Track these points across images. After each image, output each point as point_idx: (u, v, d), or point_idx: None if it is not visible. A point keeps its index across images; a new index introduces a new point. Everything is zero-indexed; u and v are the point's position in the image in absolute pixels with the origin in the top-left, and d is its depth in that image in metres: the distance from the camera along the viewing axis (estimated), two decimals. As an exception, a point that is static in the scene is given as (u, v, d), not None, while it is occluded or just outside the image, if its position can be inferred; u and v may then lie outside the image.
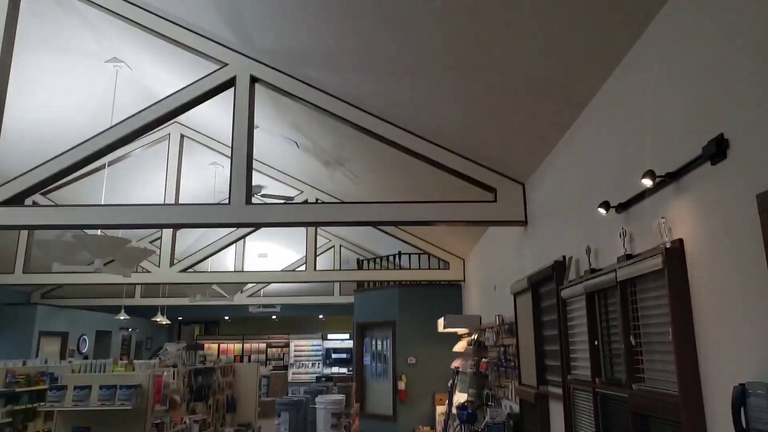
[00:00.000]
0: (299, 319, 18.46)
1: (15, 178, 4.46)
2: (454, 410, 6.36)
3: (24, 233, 8.30)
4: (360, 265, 10.96)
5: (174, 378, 6.46)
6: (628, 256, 2.46)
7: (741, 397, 1.60)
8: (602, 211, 2.66)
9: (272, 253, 13.85)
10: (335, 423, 5.13)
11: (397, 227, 8.56)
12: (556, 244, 3.73)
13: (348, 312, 11.89)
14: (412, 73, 3.89)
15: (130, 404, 5.19)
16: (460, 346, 7.61)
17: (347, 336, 16.93)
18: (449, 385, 7.46)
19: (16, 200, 4.43)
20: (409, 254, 9.64)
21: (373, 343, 10.70)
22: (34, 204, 6.33)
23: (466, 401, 6.13)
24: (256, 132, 7.21)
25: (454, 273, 8.73)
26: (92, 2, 4.71)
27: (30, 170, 4.49)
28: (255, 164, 8.50)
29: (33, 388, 7.13)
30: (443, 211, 4.60)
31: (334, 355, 17.95)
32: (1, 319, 11.45)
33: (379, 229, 8.73)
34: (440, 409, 8.04)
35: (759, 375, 1.64)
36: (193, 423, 6.83)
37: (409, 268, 9.54)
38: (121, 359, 9.98)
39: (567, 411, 3.29)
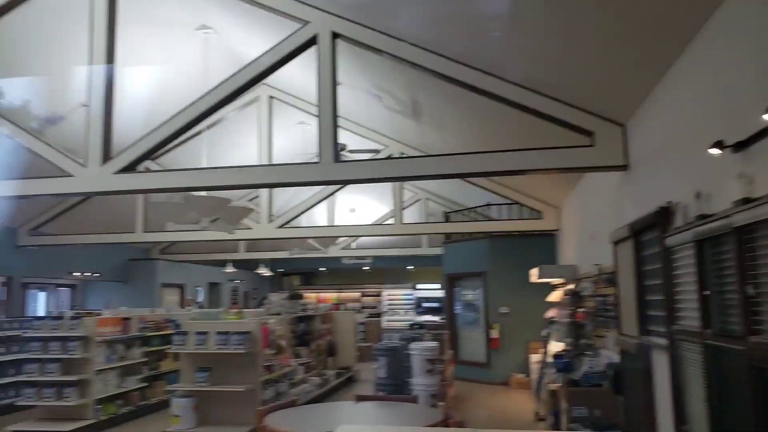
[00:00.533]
0: (390, 269, 18.90)
1: (128, 148, 4.82)
2: (549, 359, 6.31)
3: (141, 196, 9.09)
4: (447, 217, 10.92)
5: (279, 325, 6.94)
6: (747, 200, 2.24)
7: None
8: (715, 151, 2.43)
9: (362, 206, 14.15)
10: (430, 368, 5.32)
11: (485, 178, 8.38)
12: (661, 190, 3.48)
13: (436, 263, 11.99)
14: (498, 14, 3.69)
15: (243, 349, 5.69)
16: (555, 296, 7.46)
17: (437, 285, 17.14)
18: (544, 334, 7.39)
19: (131, 167, 4.81)
20: (499, 204, 9.45)
21: (464, 293, 10.77)
22: (147, 170, 6.87)
23: (563, 350, 6.05)
24: (339, 89, 7.29)
25: (548, 222, 8.45)
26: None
27: (139, 139, 4.83)
28: (339, 121, 8.65)
29: (160, 333, 8.06)
30: (536, 159, 4.41)
31: (425, 304, 18.32)
32: (128, 273, 12.83)
33: (467, 181, 8.59)
34: (534, 358, 8.01)
35: None
36: (298, 366, 7.34)
37: (499, 219, 9.36)
38: (231, 308, 10.84)
39: (673, 362, 3.15)
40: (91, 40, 4.77)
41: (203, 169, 4.89)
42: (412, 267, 18.94)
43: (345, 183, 6.30)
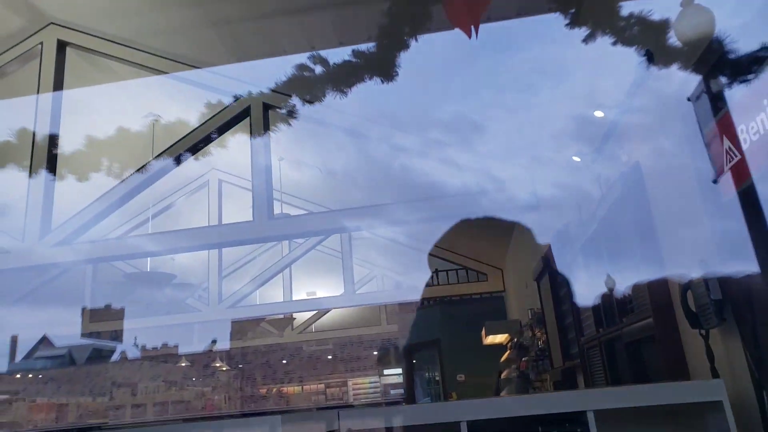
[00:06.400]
0: (354, 358, 18.48)
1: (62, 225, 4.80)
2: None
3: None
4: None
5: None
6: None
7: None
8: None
9: (322, 290, 14.09)
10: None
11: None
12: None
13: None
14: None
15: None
16: (506, 355, 7.49)
17: (401, 370, 16.74)
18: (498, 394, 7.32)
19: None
20: (446, 271, 9.64)
21: (422, 365, 10.62)
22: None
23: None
24: (282, 163, 7.61)
25: (492, 284, 8.62)
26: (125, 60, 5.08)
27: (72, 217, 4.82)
28: (286, 198, 8.90)
29: None
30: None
31: (392, 391, 17.77)
32: None
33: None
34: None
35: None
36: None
37: (448, 283, 9.51)
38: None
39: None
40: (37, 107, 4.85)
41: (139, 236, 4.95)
42: (377, 352, 18.57)
43: (279, 240, 6.47)
